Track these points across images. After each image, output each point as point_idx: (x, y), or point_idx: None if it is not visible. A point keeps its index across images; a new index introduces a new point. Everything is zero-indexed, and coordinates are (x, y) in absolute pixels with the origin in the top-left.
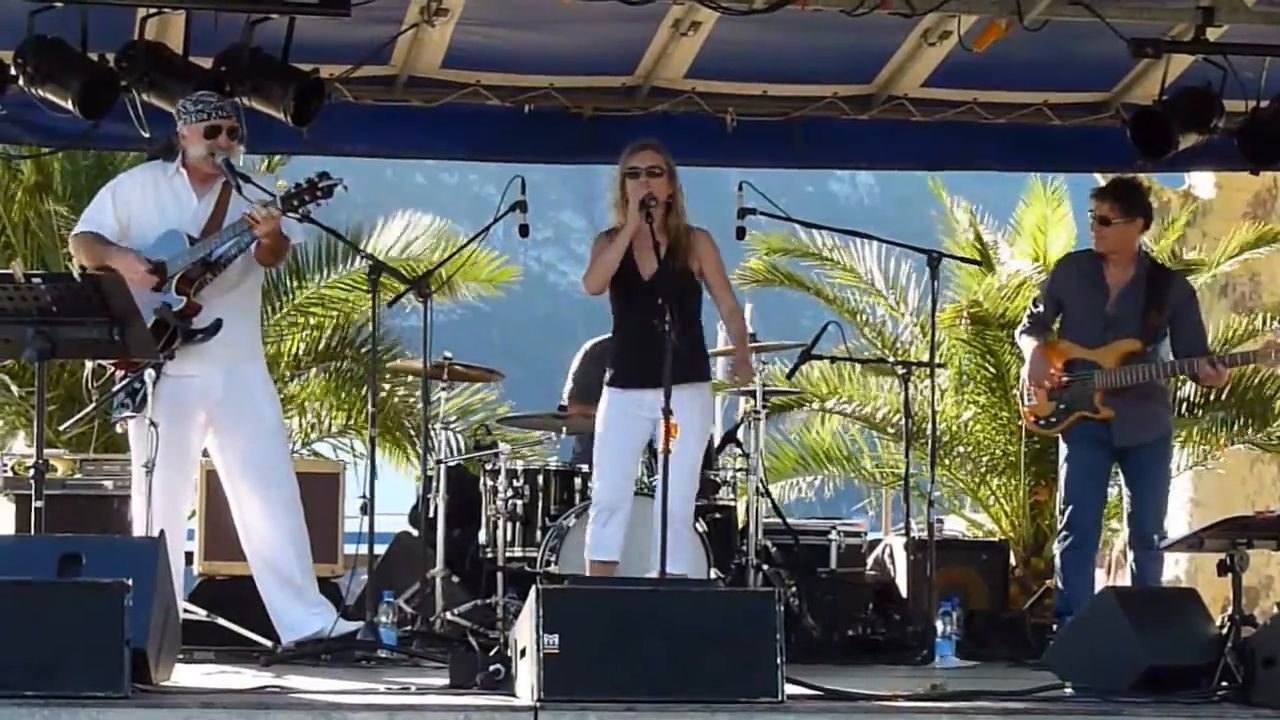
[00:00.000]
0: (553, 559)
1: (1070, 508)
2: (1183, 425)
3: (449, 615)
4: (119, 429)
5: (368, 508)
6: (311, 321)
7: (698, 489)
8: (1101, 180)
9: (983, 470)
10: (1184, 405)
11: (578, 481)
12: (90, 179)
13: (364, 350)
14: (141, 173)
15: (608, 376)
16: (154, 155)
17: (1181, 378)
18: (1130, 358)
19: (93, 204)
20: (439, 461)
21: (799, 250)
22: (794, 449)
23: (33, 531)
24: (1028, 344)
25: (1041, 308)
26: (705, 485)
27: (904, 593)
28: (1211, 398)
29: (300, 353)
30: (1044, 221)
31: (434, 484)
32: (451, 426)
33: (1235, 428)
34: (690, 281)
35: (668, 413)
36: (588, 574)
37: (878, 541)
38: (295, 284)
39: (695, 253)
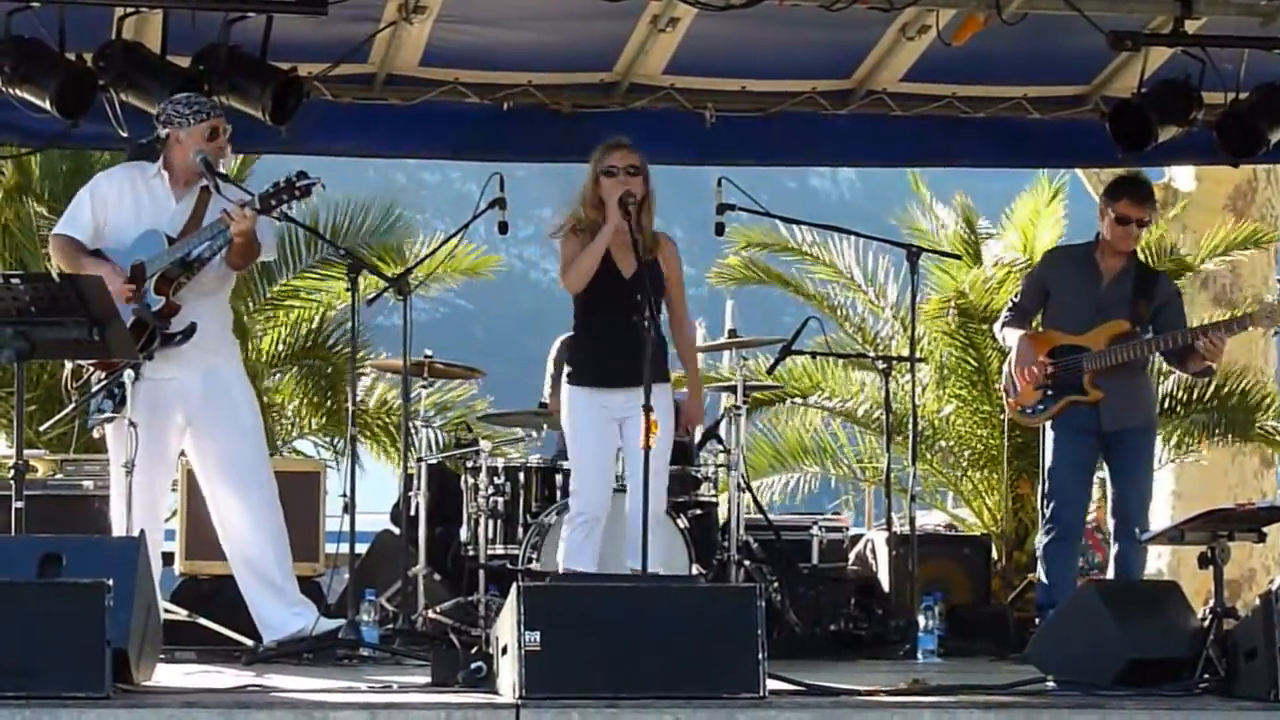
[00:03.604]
0: (534, 556)
1: (1054, 502)
2: (1164, 423)
3: (431, 613)
4: (96, 433)
5: (349, 506)
6: (288, 316)
7: (667, 485)
8: (1082, 174)
9: (964, 464)
10: (1166, 402)
11: (559, 478)
12: (69, 180)
13: (342, 348)
14: (120, 173)
15: (570, 373)
16: (133, 156)
17: (1165, 371)
18: (1119, 338)
19: (71, 205)
20: (420, 459)
21: (779, 245)
22: (771, 445)
23: (13, 532)
24: (1012, 334)
25: (1023, 299)
26: (686, 481)
27: (886, 587)
28: (1195, 395)
29: (278, 350)
30: (1035, 214)
31: (415, 482)
32: (432, 424)
33: (1217, 432)
34: (662, 282)
35: (648, 409)
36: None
37: (859, 537)
38: (264, 279)
39: (661, 255)
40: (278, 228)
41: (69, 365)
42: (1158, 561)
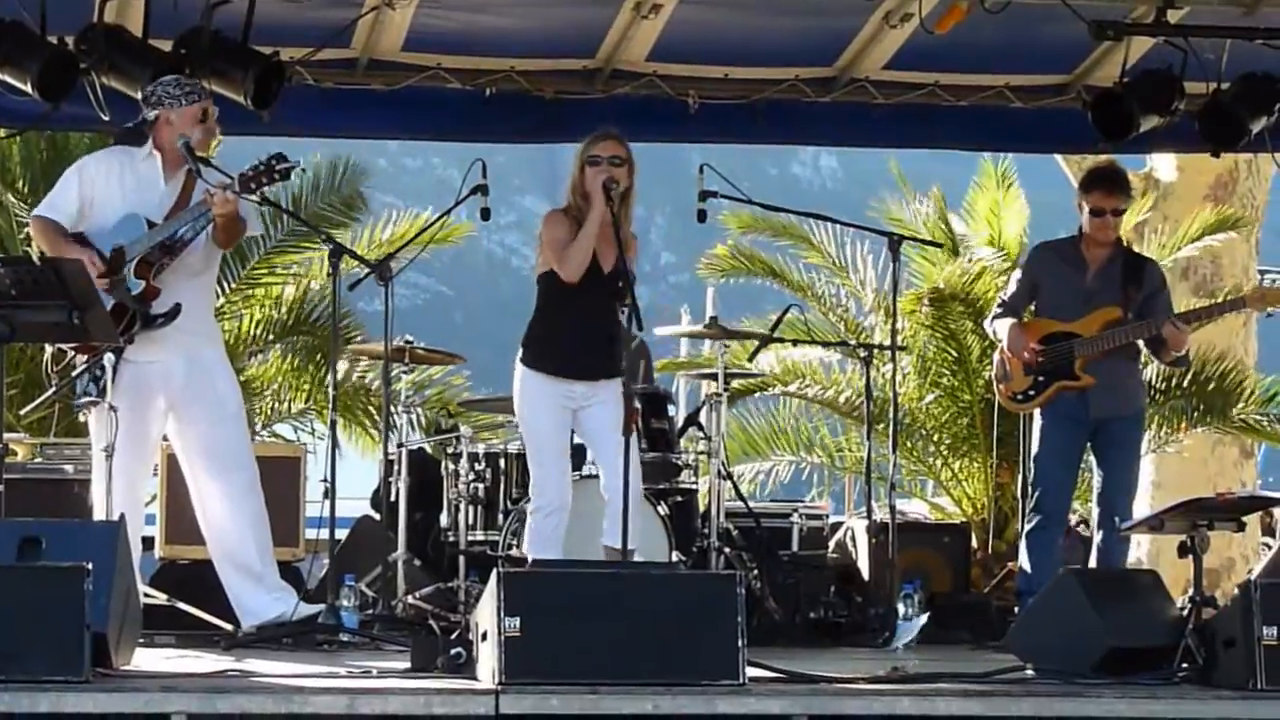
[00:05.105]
0: (514, 542)
1: (1040, 490)
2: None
3: (410, 599)
4: (81, 417)
5: (329, 491)
6: (267, 294)
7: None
8: (1062, 162)
9: (944, 453)
10: (1145, 390)
11: None
12: (47, 166)
13: (324, 323)
14: (108, 156)
15: (530, 357)
16: (120, 140)
17: (1145, 359)
18: (1111, 324)
19: (57, 186)
20: (400, 445)
21: (768, 226)
22: (745, 432)
23: None
24: (1003, 324)
25: (1013, 293)
26: (667, 468)
27: (865, 575)
28: (1174, 383)
29: (258, 330)
30: (996, 205)
31: (395, 467)
32: (413, 409)
33: (1195, 417)
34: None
35: (629, 397)
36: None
37: (839, 524)
38: (238, 259)
39: (629, 253)
40: (257, 205)
41: (50, 349)
42: (1137, 550)
